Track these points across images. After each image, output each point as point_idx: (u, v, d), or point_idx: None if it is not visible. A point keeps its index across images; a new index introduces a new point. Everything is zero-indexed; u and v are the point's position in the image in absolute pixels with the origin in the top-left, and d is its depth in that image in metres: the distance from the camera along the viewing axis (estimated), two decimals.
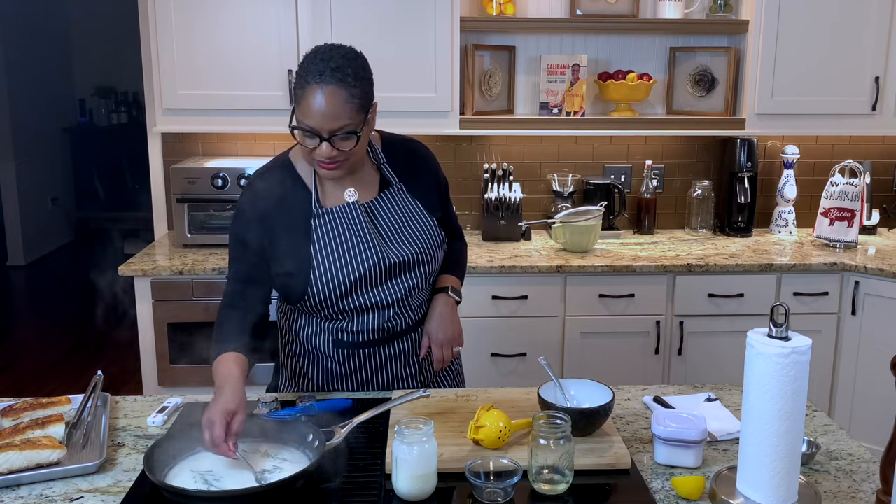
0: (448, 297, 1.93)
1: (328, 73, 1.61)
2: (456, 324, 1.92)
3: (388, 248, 1.80)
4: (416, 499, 1.40)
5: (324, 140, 1.64)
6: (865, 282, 3.09)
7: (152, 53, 3.16)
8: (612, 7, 3.38)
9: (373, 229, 1.79)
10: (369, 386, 1.91)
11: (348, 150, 1.67)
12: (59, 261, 7.10)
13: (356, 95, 1.63)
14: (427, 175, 1.92)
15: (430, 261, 1.85)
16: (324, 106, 1.60)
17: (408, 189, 1.86)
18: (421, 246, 1.83)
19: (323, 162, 1.68)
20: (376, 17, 3.13)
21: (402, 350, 1.89)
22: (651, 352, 3.14)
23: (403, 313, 1.85)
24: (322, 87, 1.60)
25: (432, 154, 1.97)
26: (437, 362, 1.90)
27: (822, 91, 3.32)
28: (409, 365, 1.92)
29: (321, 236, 1.76)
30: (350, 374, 1.89)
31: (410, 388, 1.93)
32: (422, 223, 1.85)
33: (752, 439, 1.32)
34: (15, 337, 5.29)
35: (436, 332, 1.89)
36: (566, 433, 1.42)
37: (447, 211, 1.99)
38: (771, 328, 1.29)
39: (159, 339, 3.04)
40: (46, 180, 7.16)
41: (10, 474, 1.47)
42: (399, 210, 1.84)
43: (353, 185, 1.80)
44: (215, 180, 3.17)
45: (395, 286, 1.82)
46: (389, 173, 1.85)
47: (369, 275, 1.77)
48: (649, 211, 3.59)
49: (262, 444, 1.55)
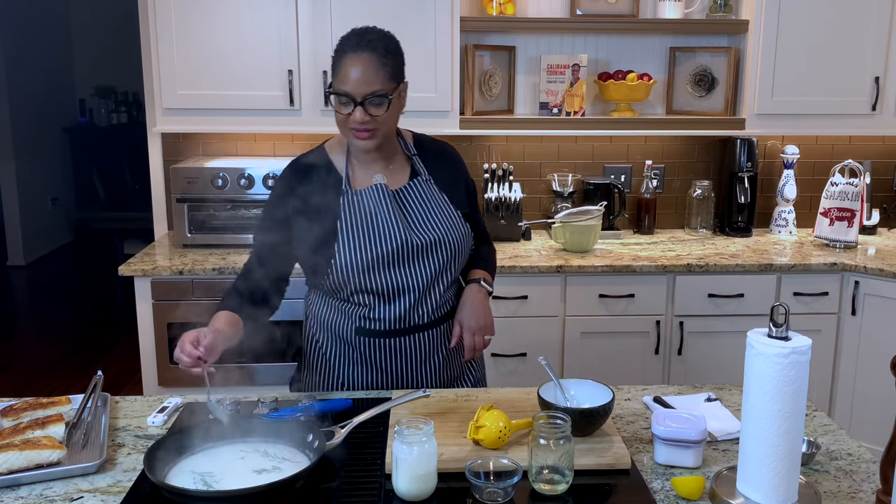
0: (480, 287, 1.95)
1: (364, 44, 1.76)
2: (488, 313, 1.94)
3: (412, 231, 1.85)
4: (416, 499, 1.40)
5: (357, 105, 1.74)
6: (865, 282, 3.09)
7: (152, 53, 3.16)
8: (612, 7, 3.38)
9: (398, 212, 1.85)
10: (391, 380, 1.92)
11: (380, 115, 1.76)
12: (59, 261, 7.10)
13: (387, 65, 1.76)
14: (455, 173, 1.99)
15: (453, 247, 1.88)
16: (358, 72, 1.74)
17: (435, 182, 1.93)
18: (444, 232, 1.87)
19: (357, 130, 1.77)
20: (376, 17, 3.12)
21: (424, 343, 1.91)
22: (651, 352, 3.14)
23: (426, 303, 1.88)
24: (357, 55, 1.75)
25: (461, 156, 2.05)
26: (469, 350, 1.91)
27: (822, 91, 3.32)
28: (432, 360, 1.93)
29: (348, 214, 1.84)
30: (372, 365, 1.90)
31: (433, 385, 1.94)
32: (447, 213, 1.90)
33: (752, 439, 1.32)
34: (15, 337, 5.29)
35: (468, 319, 1.91)
36: (566, 433, 1.42)
37: (474, 213, 2.03)
38: (771, 328, 1.29)
39: (159, 339, 3.04)
40: (46, 180, 7.16)
41: (10, 474, 1.47)
42: (426, 199, 1.90)
43: (383, 172, 1.88)
44: (215, 180, 3.17)
45: (418, 270, 1.85)
46: (419, 164, 1.93)
47: (393, 254, 1.82)
48: (649, 211, 3.59)
49: (262, 444, 1.55)
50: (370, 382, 1.93)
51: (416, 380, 1.93)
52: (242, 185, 3.18)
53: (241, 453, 1.52)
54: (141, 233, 5.18)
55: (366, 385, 1.93)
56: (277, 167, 3.21)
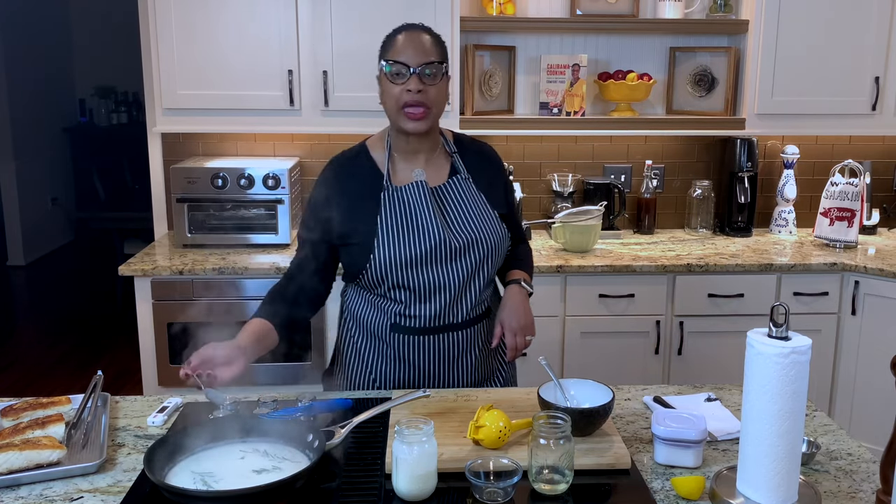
0: (521, 288, 1.96)
1: (417, 26, 1.87)
2: (528, 313, 1.95)
3: (450, 230, 1.86)
4: (416, 499, 1.40)
5: (413, 73, 1.78)
6: (865, 282, 3.09)
7: (152, 53, 3.16)
8: (612, 7, 3.38)
9: (437, 210, 1.87)
10: (424, 378, 1.93)
11: (435, 85, 1.80)
12: (59, 261, 7.10)
13: (439, 44, 1.85)
14: (493, 173, 2.00)
15: (489, 248, 1.89)
16: (415, 43, 1.81)
17: (474, 181, 1.94)
18: (481, 231, 1.88)
19: (410, 106, 1.79)
20: (376, 16, 3.13)
21: (458, 342, 1.91)
22: (651, 352, 3.14)
23: (460, 303, 1.89)
24: (412, 31, 1.84)
25: (500, 158, 2.07)
26: (511, 350, 1.92)
27: (822, 91, 3.32)
28: (465, 359, 1.94)
29: (388, 210, 1.86)
30: (405, 362, 1.91)
31: (465, 384, 1.95)
32: (484, 213, 1.91)
33: (752, 439, 1.32)
34: (15, 337, 5.29)
35: (509, 319, 1.91)
36: (566, 433, 1.42)
37: (512, 213, 2.05)
38: (771, 328, 1.29)
39: (159, 339, 3.04)
40: (46, 180, 7.16)
41: (10, 474, 1.46)
42: (464, 198, 1.91)
43: (423, 167, 1.91)
44: (215, 180, 3.17)
45: (454, 269, 1.86)
46: (459, 162, 1.94)
47: (430, 252, 1.83)
48: (649, 211, 3.59)
49: (262, 443, 1.55)
50: (403, 380, 1.94)
51: (448, 378, 1.94)
52: (242, 185, 3.18)
53: (241, 453, 1.52)
54: (141, 233, 5.18)
55: (398, 382, 1.94)
56: (277, 167, 3.22)
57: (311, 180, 3.58)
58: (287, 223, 3.23)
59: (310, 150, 3.57)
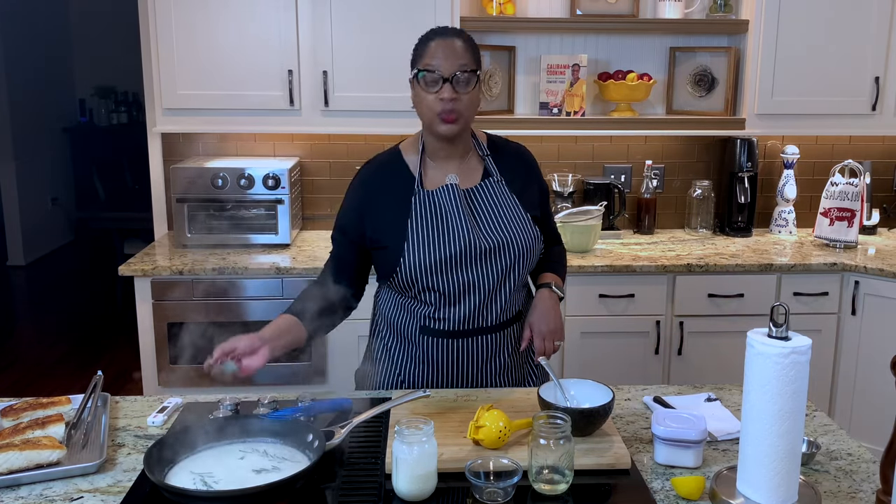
0: (551, 292, 1.95)
1: (448, 31, 1.84)
2: (558, 317, 1.93)
3: (481, 233, 1.85)
4: (416, 499, 1.40)
5: (446, 81, 1.77)
6: (865, 282, 3.09)
7: (152, 53, 3.16)
8: (612, 7, 3.38)
9: (468, 213, 1.86)
10: (452, 381, 1.93)
11: (468, 93, 1.80)
12: (59, 261, 7.10)
13: (471, 49, 1.83)
14: (528, 175, 2.00)
15: (521, 250, 1.88)
16: (448, 50, 1.79)
17: (507, 183, 1.93)
18: (513, 234, 1.87)
19: (444, 111, 1.79)
20: (376, 17, 3.14)
21: (487, 346, 1.91)
22: (651, 352, 3.14)
23: (491, 307, 1.88)
24: (444, 38, 1.82)
25: (535, 159, 2.06)
26: (539, 353, 1.91)
27: (822, 91, 3.32)
28: (494, 362, 1.93)
29: (419, 213, 1.86)
30: (434, 365, 1.91)
31: (494, 387, 1.94)
32: (517, 215, 1.90)
33: (752, 439, 1.32)
34: (15, 337, 5.29)
35: (538, 323, 1.90)
36: (566, 433, 1.42)
37: (546, 215, 2.05)
38: (771, 328, 1.29)
39: (159, 339, 3.04)
40: (46, 180, 7.16)
41: (10, 474, 1.46)
42: (496, 200, 1.91)
43: (456, 172, 1.90)
44: (215, 180, 3.17)
45: (484, 272, 1.85)
46: (492, 165, 1.94)
47: (460, 255, 1.83)
48: (649, 211, 3.59)
49: (261, 444, 1.55)
50: (432, 382, 1.94)
51: (477, 381, 1.93)
52: (242, 185, 3.18)
53: (241, 453, 1.52)
54: (141, 233, 5.18)
55: (427, 384, 1.94)
56: (277, 167, 3.22)
57: (311, 180, 3.59)
58: (287, 223, 3.23)
59: (310, 150, 3.57)
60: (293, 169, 3.34)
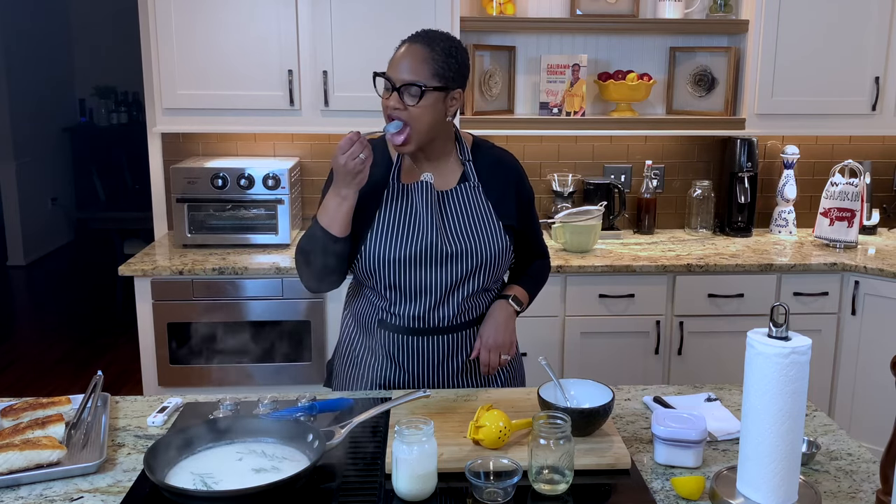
0: (507, 305, 1.94)
1: (421, 37, 1.80)
2: (510, 332, 1.92)
3: (446, 236, 1.85)
4: (416, 499, 1.40)
5: (394, 90, 1.77)
6: (865, 282, 3.09)
7: (152, 53, 3.16)
8: (612, 7, 3.38)
9: (438, 214, 1.86)
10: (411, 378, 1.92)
11: (412, 106, 1.76)
12: (59, 261, 7.10)
13: (435, 62, 1.77)
14: (507, 183, 1.96)
15: (484, 258, 1.86)
16: (403, 59, 1.78)
17: (484, 189, 1.91)
18: (479, 241, 1.86)
19: (387, 117, 1.79)
20: (376, 17, 3.14)
21: (441, 347, 1.90)
22: (651, 352, 3.15)
23: (443, 310, 1.87)
24: (410, 44, 1.80)
25: (520, 166, 2.02)
26: (484, 366, 1.91)
27: (822, 91, 3.32)
28: (450, 363, 1.92)
29: (390, 205, 1.86)
30: (392, 360, 1.91)
31: (450, 388, 1.93)
32: (488, 222, 1.89)
33: (752, 439, 1.32)
34: (15, 337, 5.29)
35: (486, 335, 1.90)
36: (566, 433, 1.42)
37: (529, 225, 2.02)
38: (771, 328, 1.29)
39: (159, 339, 3.04)
40: (46, 180, 7.16)
41: (10, 474, 1.46)
42: (469, 205, 1.89)
43: (433, 172, 1.89)
44: (215, 180, 3.17)
45: (441, 275, 1.84)
46: (471, 170, 1.92)
47: (420, 255, 1.82)
48: (649, 211, 3.59)
49: (261, 444, 1.55)
50: (390, 378, 1.93)
51: (434, 380, 1.93)
52: (242, 185, 3.18)
53: (241, 453, 1.52)
54: (141, 233, 5.19)
55: (387, 380, 1.93)
56: (277, 167, 3.22)
57: (311, 180, 3.59)
58: (287, 223, 3.24)
59: (310, 150, 3.57)
60: (293, 169, 3.34)
